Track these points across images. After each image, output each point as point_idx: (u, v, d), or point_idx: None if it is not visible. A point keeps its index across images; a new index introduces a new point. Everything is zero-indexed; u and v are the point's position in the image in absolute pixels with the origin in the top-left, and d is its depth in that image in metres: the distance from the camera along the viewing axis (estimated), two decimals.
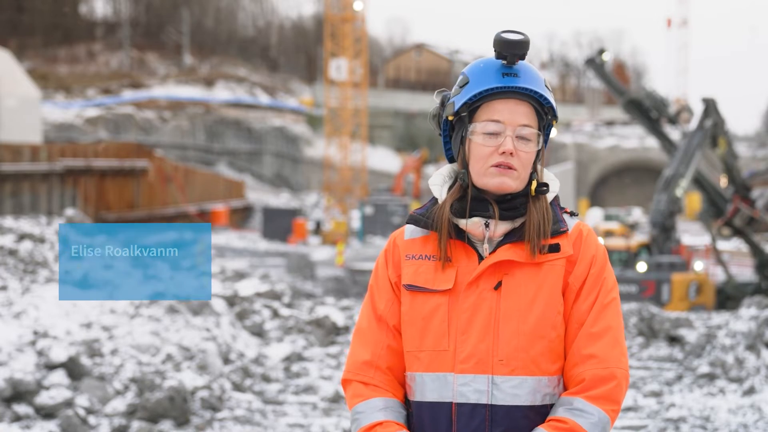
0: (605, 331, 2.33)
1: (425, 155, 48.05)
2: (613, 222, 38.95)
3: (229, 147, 57.19)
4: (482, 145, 2.35)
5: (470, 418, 2.31)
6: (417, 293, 2.39)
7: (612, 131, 64.06)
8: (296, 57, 76.53)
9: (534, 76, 2.37)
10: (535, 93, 2.35)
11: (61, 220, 14.31)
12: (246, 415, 8.41)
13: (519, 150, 2.34)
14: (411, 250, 2.44)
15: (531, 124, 2.36)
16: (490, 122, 2.35)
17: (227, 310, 11.42)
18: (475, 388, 2.30)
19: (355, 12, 43.71)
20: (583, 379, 2.30)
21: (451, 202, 2.39)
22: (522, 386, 2.30)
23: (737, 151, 24.08)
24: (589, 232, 2.41)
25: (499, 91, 2.35)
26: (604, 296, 2.35)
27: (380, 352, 2.43)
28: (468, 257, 2.37)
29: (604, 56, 23.61)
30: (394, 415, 2.38)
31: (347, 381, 2.45)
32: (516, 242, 2.35)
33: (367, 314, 2.48)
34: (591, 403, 2.27)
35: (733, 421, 8.42)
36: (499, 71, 2.35)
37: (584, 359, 2.31)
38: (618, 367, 2.30)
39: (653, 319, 12.64)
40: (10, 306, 9.47)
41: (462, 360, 2.32)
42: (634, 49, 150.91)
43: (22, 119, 34.20)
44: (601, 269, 2.38)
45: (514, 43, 2.33)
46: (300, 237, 36.48)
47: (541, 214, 2.36)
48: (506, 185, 2.34)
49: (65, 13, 65.93)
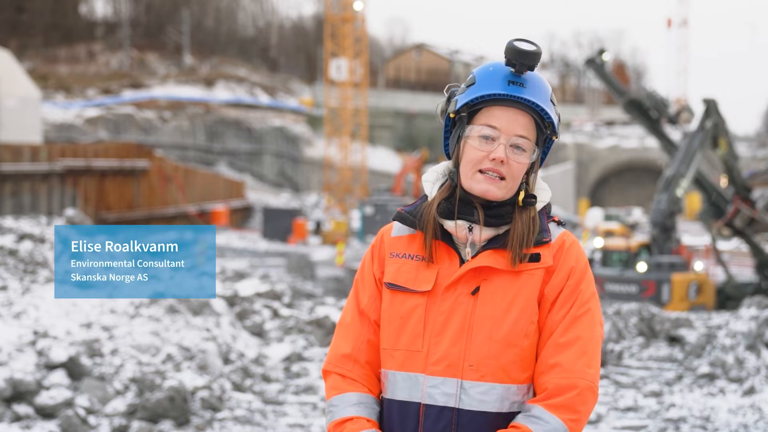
0: (573, 341, 2.33)
1: (425, 155, 48.02)
2: (614, 222, 38.96)
3: (229, 147, 57.18)
4: (475, 148, 2.35)
5: (436, 420, 2.32)
6: (397, 292, 2.41)
7: (612, 131, 64.10)
8: (296, 57, 76.54)
9: (540, 89, 2.37)
10: (536, 106, 2.34)
11: (61, 221, 14.31)
12: (246, 415, 8.41)
13: (511, 159, 2.34)
14: (396, 248, 2.46)
15: (528, 135, 2.35)
16: (487, 127, 2.35)
17: (227, 310, 11.43)
18: (444, 391, 2.32)
19: (355, 12, 43.71)
20: (546, 388, 2.30)
21: (439, 201, 2.40)
22: (490, 393, 2.31)
23: (737, 151, 24.08)
24: (572, 243, 2.41)
25: (501, 98, 2.35)
26: (578, 308, 2.35)
27: (360, 346, 2.46)
28: (450, 259, 2.39)
29: (604, 56, 23.63)
30: (366, 411, 2.40)
31: (327, 372, 2.48)
32: (498, 249, 2.36)
33: (351, 308, 2.50)
34: (549, 411, 2.27)
35: (733, 421, 8.43)
36: (505, 78, 2.35)
37: (549, 368, 2.32)
38: (581, 378, 2.30)
39: (653, 319, 12.64)
40: (11, 306, 9.47)
41: (434, 362, 2.33)
42: (634, 49, 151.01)
43: (22, 119, 34.20)
44: (578, 281, 2.37)
45: (524, 53, 2.32)
46: (300, 237, 36.48)
47: (526, 225, 2.36)
48: (491, 193, 2.34)
49: (65, 13, 65.93)
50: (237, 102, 59.26)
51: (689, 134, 21.84)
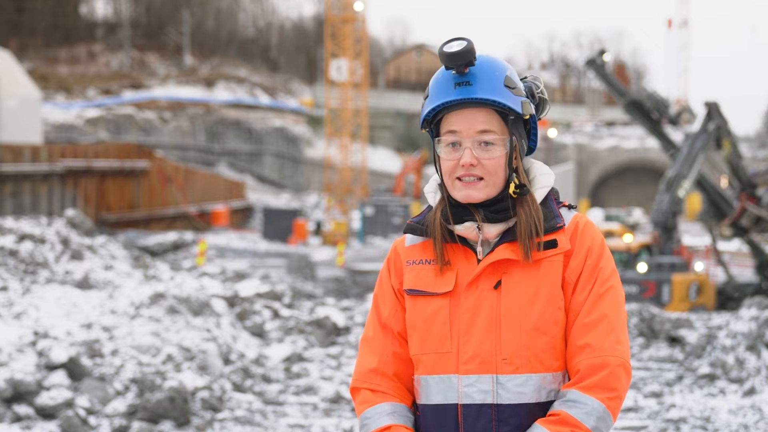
0: (599, 319, 2.32)
1: (425, 156, 48.02)
2: (614, 222, 38.93)
3: (229, 147, 57.19)
4: (446, 159, 2.35)
5: (476, 418, 2.31)
6: (418, 297, 2.40)
7: (612, 132, 64.08)
8: (297, 58, 76.56)
9: (488, 80, 2.32)
10: (486, 101, 2.31)
11: (62, 221, 14.31)
12: (246, 415, 8.41)
13: (482, 158, 2.32)
14: (411, 255, 2.46)
15: (491, 128, 2.33)
16: (449, 134, 2.34)
17: (228, 311, 11.43)
18: (480, 389, 2.31)
19: (356, 12, 43.71)
20: (578, 370, 2.30)
21: (441, 209, 2.40)
22: (527, 384, 2.30)
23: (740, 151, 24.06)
24: (586, 224, 2.40)
25: (452, 103, 2.33)
26: (600, 286, 2.34)
27: (386, 359, 2.44)
28: (467, 259, 2.38)
29: (604, 57, 23.61)
30: (401, 420, 2.39)
31: (355, 389, 2.47)
32: (512, 241, 2.35)
33: (372, 323, 2.50)
34: (584, 393, 2.26)
35: (733, 421, 8.42)
36: (452, 82, 2.33)
37: (579, 350, 2.31)
38: (611, 355, 2.29)
39: (654, 319, 12.64)
40: (11, 306, 9.48)
41: (465, 361, 2.32)
42: (634, 49, 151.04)
43: (23, 120, 34.21)
44: (597, 259, 2.36)
45: (454, 55, 2.29)
46: (300, 237, 36.47)
47: (530, 215, 2.35)
48: (472, 197, 2.33)
49: (66, 14, 65.94)
50: (237, 102, 59.28)
51: (691, 135, 21.82)
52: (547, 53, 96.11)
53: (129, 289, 11.11)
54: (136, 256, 14.42)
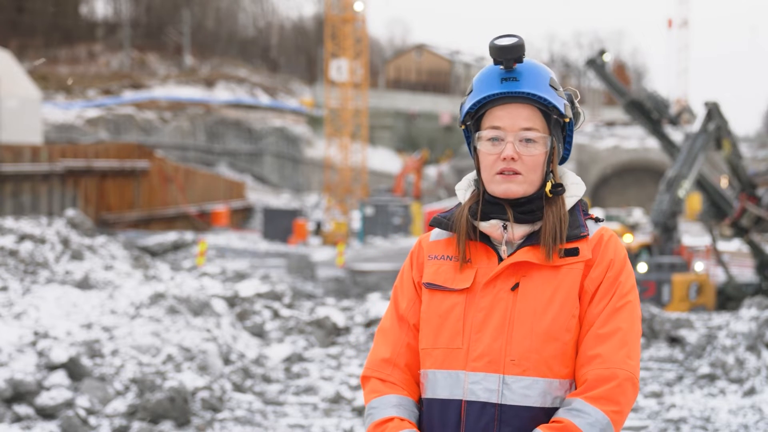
0: (614, 332, 2.33)
1: (426, 156, 48.03)
2: (614, 222, 38.92)
3: (229, 147, 57.18)
4: (487, 153, 2.37)
5: (479, 416, 2.32)
6: (435, 291, 2.42)
7: (612, 132, 64.06)
8: (297, 58, 76.56)
9: (536, 77, 2.36)
10: (533, 95, 2.35)
11: (62, 221, 14.31)
12: (246, 415, 8.41)
13: (523, 154, 2.35)
14: (434, 250, 2.48)
15: (534, 126, 2.36)
16: (492, 129, 2.37)
17: (228, 311, 11.43)
18: (486, 387, 2.32)
19: (356, 13, 43.70)
20: (586, 380, 2.30)
21: (470, 205, 2.42)
22: (533, 387, 2.31)
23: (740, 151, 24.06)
24: (610, 237, 2.41)
25: (497, 97, 2.36)
26: (618, 300, 2.35)
27: (400, 350, 2.47)
28: (488, 258, 2.40)
29: (604, 57, 23.61)
30: (406, 413, 2.40)
31: (366, 378, 2.49)
32: (535, 245, 2.36)
33: (390, 314, 2.52)
34: (590, 403, 2.26)
35: (733, 421, 8.42)
36: (498, 77, 2.36)
37: (589, 360, 2.31)
38: (621, 368, 2.29)
39: (654, 319, 12.64)
40: (11, 306, 9.47)
41: (474, 358, 2.33)
42: (634, 49, 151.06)
43: (23, 120, 34.20)
44: (618, 273, 2.37)
45: (505, 48, 2.33)
46: (300, 238, 36.47)
47: (557, 218, 2.37)
48: (511, 191, 2.35)
49: (66, 14, 65.94)
50: (237, 102, 59.26)
51: (691, 136, 21.82)
52: (547, 53, 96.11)
53: (129, 289, 11.11)
54: (136, 256, 14.42)
